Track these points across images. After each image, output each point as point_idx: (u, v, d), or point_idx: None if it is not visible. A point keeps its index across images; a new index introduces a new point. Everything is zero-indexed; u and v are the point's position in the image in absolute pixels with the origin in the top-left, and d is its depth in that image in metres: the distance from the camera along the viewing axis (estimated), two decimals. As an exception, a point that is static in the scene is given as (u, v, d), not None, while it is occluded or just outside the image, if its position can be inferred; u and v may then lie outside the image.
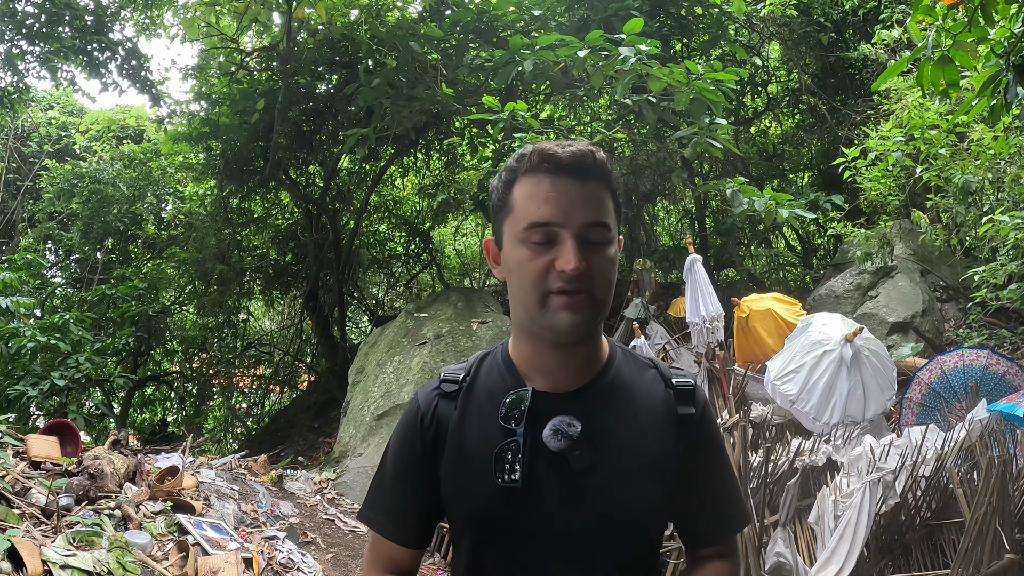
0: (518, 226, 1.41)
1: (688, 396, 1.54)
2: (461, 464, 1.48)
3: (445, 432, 1.50)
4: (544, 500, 1.42)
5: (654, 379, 1.57)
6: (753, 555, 3.95)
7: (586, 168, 1.41)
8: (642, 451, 1.47)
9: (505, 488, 1.40)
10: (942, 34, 4.15)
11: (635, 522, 1.46)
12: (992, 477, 4.32)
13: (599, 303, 1.42)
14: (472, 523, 1.47)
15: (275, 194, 14.66)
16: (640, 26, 7.42)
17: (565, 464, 1.41)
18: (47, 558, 4.94)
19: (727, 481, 1.63)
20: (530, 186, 1.41)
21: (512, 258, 1.43)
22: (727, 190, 7.98)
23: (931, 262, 10.26)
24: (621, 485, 1.43)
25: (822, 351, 6.43)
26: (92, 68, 11.47)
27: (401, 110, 9.85)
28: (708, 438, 1.58)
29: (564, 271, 1.35)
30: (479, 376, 1.56)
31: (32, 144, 16.59)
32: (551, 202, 1.38)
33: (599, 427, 1.45)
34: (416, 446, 1.53)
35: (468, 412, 1.51)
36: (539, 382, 1.48)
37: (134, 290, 12.80)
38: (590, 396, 1.49)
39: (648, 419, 1.50)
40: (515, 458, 1.41)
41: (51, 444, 7.02)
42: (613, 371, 1.53)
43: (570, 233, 1.37)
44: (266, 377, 16.20)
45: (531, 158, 1.42)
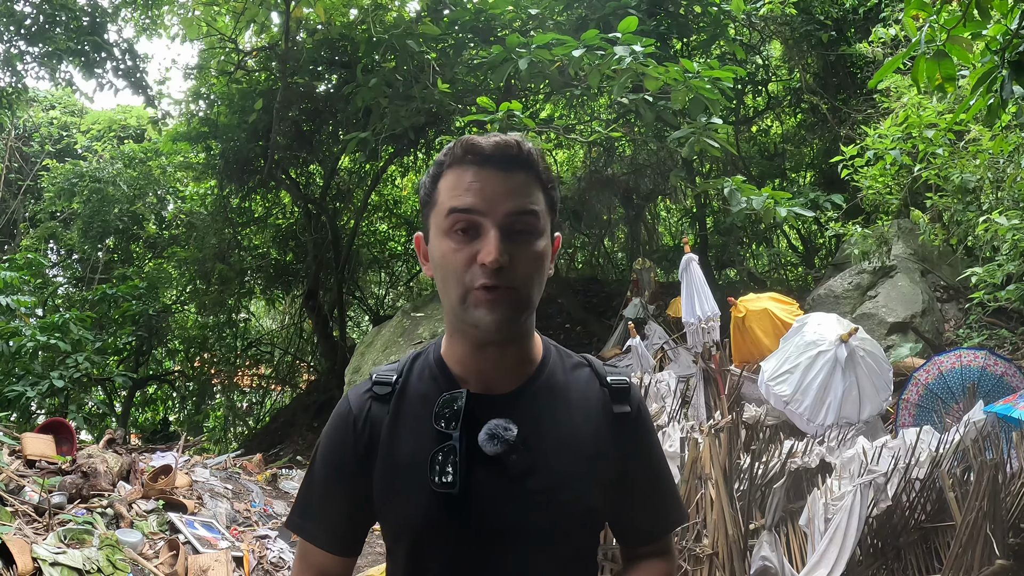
0: (441, 216, 1.38)
1: (623, 395, 1.52)
2: (395, 469, 1.43)
3: (378, 437, 1.46)
4: (481, 504, 1.39)
5: (589, 378, 1.54)
6: (738, 558, 3.92)
7: (510, 158, 1.37)
8: (579, 452, 1.44)
9: (441, 493, 1.37)
10: (937, 29, 4.10)
11: (575, 523, 1.44)
12: (984, 480, 4.28)
13: (523, 301, 1.37)
14: (408, 529, 1.43)
15: (275, 194, 14.69)
16: (635, 25, 7.38)
17: (502, 468, 1.38)
18: (37, 555, 4.96)
19: (662, 479, 1.61)
20: (454, 178, 1.38)
21: (436, 251, 1.40)
22: (725, 189, 7.94)
23: (931, 262, 10.19)
24: (559, 487, 1.41)
25: (816, 351, 6.38)
26: (87, 68, 11.50)
27: (399, 110, 9.85)
28: (643, 436, 1.56)
29: (484, 263, 1.31)
30: (411, 378, 1.51)
31: (34, 144, 16.65)
32: (473, 191, 1.35)
33: (535, 430, 1.42)
34: (348, 451, 1.47)
35: (401, 416, 1.46)
36: (473, 384, 1.45)
37: (135, 289, 12.84)
38: (525, 398, 1.45)
39: (584, 419, 1.48)
40: (450, 462, 1.37)
41: (46, 443, 7.05)
42: (548, 371, 1.50)
43: (493, 223, 1.33)
44: (266, 376, 16.22)
45: (455, 150, 1.39)
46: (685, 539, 4.50)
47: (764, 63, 13.52)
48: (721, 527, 4.03)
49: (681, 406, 7.26)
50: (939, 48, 4.07)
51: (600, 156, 13.59)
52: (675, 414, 6.71)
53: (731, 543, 3.95)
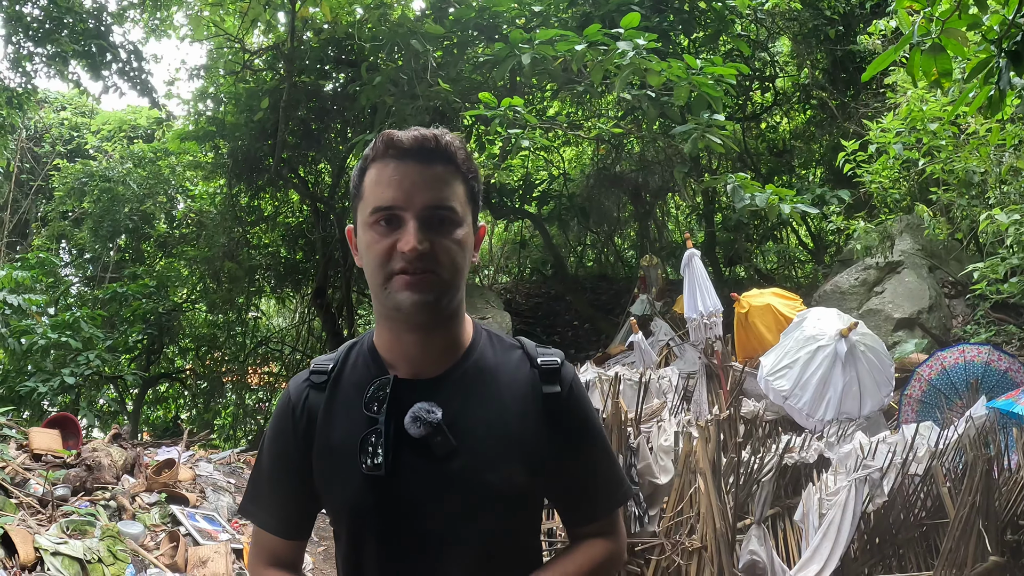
0: (366, 211, 1.44)
1: (553, 375, 1.55)
2: (330, 454, 1.49)
3: (315, 423, 1.51)
4: (409, 486, 1.43)
5: (520, 360, 1.57)
6: (727, 552, 3.91)
7: (428, 151, 1.43)
8: (505, 433, 1.48)
9: (370, 476, 1.42)
10: (932, 21, 4.07)
11: (501, 504, 1.47)
12: (976, 475, 4.24)
13: (444, 283, 1.42)
14: (344, 511, 1.49)
15: (284, 192, 14.75)
16: (637, 20, 7.38)
17: (427, 450, 1.43)
18: (39, 545, 5.02)
19: (601, 457, 1.63)
20: (376, 172, 1.44)
21: (362, 242, 1.46)
22: (729, 186, 7.92)
23: (939, 257, 10.12)
24: (484, 468, 1.44)
25: (816, 346, 6.35)
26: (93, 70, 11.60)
27: (405, 108, 9.88)
28: (577, 415, 1.57)
29: (404, 251, 1.38)
30: (347, 366, 1.56)
31: (45, 144, 16.81)
32: (394, 185, 1.41)
33: (460, 412, 1.46)
34: (289, 438, 1.53)
35: (335, 402, 1.52)
36: (402, 369, 1.50)
37: (145, 288, 12.93)
38: (452, 381, 1.50)
39: (512, 400, 1.51)
40: (377, 445, 1.42)
41: (53, 437, 7.12)
42: (477, 354, 1.54)
43: (412, 215, 1.40)
44: (276, 374, 16.29)
45: (377, 145, 1.45)
46: (679, 533, 4.50)
47: (772, 59, 13.46)
48: (709, 520, 4.02)
49: (682, 401, 7.26)
50: (934, 42, 4.03)
51: (608, 153, 13.60)
52: (676, 409, 6.71)
53: (719, 536, 3.94)
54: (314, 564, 6.09)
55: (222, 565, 5.49)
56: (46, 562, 4.94)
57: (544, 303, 15.17)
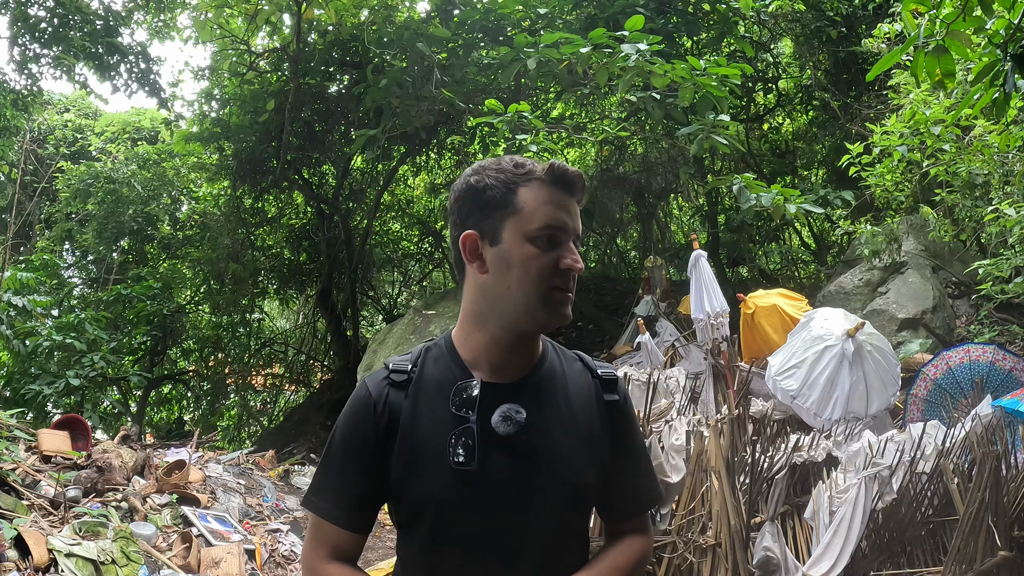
0: (530, 225, 1.55)
1: (612, 385, 1.73)
2: (415, 448, 1.57)
3: (397, 420, 1.60)
4: (495, 480, 1.55)
5: (582, 370, 1.74)
6: (740, 549, 3.95)
7: (580, 188, 1.62)
8: (577, 434, 1.63)
9: (458, 470, 1.53)
10: (936, 23, 4.10)
11: (574, 497, 1.61)
12: (985, 472, 4.28)
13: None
14: (430, 503, 1.56)
15: (288, 194, 14.78)
16: (641, 23, 7.42)
17: (511, 447, 1.56)
18: (53, 547, 5.05)
19: (642, 462, 1.80)
20: (546, 193, 1.57)
21: (516, 254, 1.56)
22: (734, 186, 7.95)
23: (943, 258, 10.16)
24: (561, 465, 1.59)
25: (823, 346, 6.38)
26: (101, 70, 11.62)
27: (410, 110, 9.92)
28: (628, 422, 1.76)
29: (572, 268, 1.55)
30: (426, 366, 1.66)
31: (48, 146, 16.82)
32: (563, 209, 1.57)
33: (540, 413, 1.60)
34: (369, 432, 1.61)
35: (419, 400, 1.61)
36: (485, 373, 1.62)
37: (149, 289, 12.96)
38: (530, 386, 1.63)
39: (580, 406, 1.67)
40: (468, 443, 1.54)
41: (62, 438, 7.14)
42: (548, 363, 1.69)
43: (571, 238, 1.57)
44: (280, 375, 16.32)
45: (544, 169, 1.59)
46: (691, 531, 4.54)
47: (774, 60, 13.49)
48: (724, 518, 4.06)
49: (690, 402, 7.29)
50: (938, 43, 4.07)
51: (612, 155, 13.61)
52: (683, 409, 6.74)
53: (733, 533, 3.98)
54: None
55: (235, 566, 5.52)
56: (60, 563, 4.97)
57: (548, 304, 15.17)
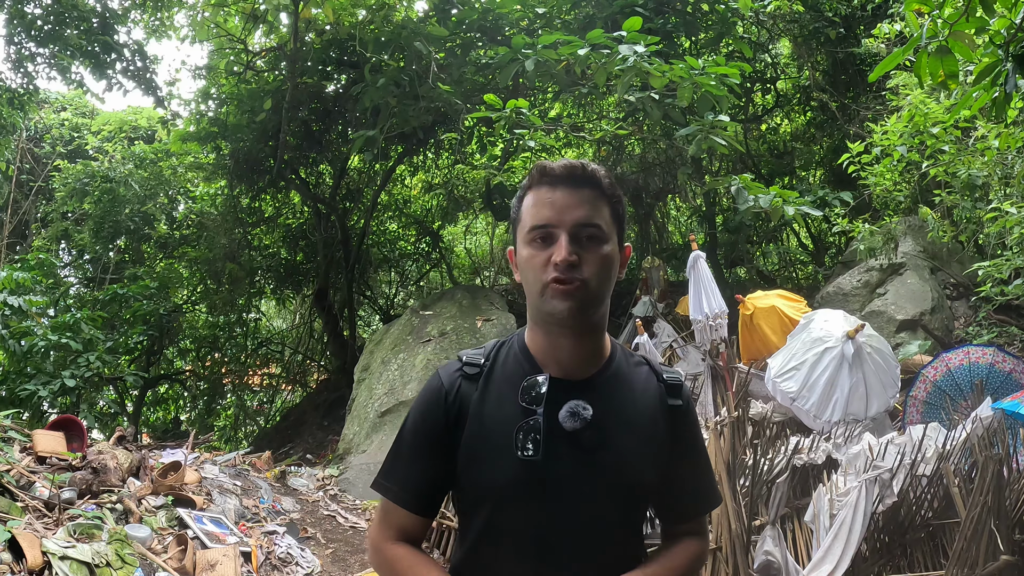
0: (524, 230, 1.66)
1: (677, 390, 1.78)
2: (483, 438, 1.66)
3: (467, 409, 1.68)
4: (558, 472, 1.61)
5: (648, 374, 1.79)
6: (741, 553, 3.92)
7: (577, 178, 1.65)
8: (641, 434, 1.69)
9: (524, 460, 1.60)
10: (939, 23, 4.08)
11: (632, 494, 1.68)
12: (988, 475, 4.26)
13: (592, 293, 1.62)
14: (494, 491, 1.64)
15: (285, 193, 14.74)
16: (639, 24, 7.39)
17: (576, 442, 1.63)
18: (47, 549, 4.99)
19: (702, 465, 1.86)
20: (533, 197, 1.67)
21: (521, 258, 1.68)
22: (732, 187, 7.93)
23: (941, 259, 10.15)
24: (624, 461, 1.65)
25: (823, 348, 6.37)
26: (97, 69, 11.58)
27: (407, 109, 9.88)
28: (691, 427, 1.82)
29: (556, 262, 1.58)
30: (498, 361, 1.75)
31: (45, 145, 16.75)
32: (548, 206, 1.63)
33: (606, 411, 1.66)
34: (440, 419, 1.69)
35: (489, 392, 1.70)
36: (553, 370, 1.68)
37: (146, 289, 12.88)
38: (598, 384, 1.70)
39: (645, 407, 1.73)
40: (535, 435, 1.60)
41: (57, 439, 7.08)
42: (616, 365, 1.75)
43: (564, 231, 1.61)
44: (277, 376, 16.27)
45: (533, 174, 1.69)
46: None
47: (773, 61, 13.49)
48: (724, 522, 4.03)
49: (688, 403, 7.26)
50: (941, 44, 4.05)
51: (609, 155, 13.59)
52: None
53: (734, 537, 3.96)
54: (322, 566, 6.08)
55: (231, 568, 5.47)
56: (54, 566, 4.92)
57: (545, 304, 15.16)
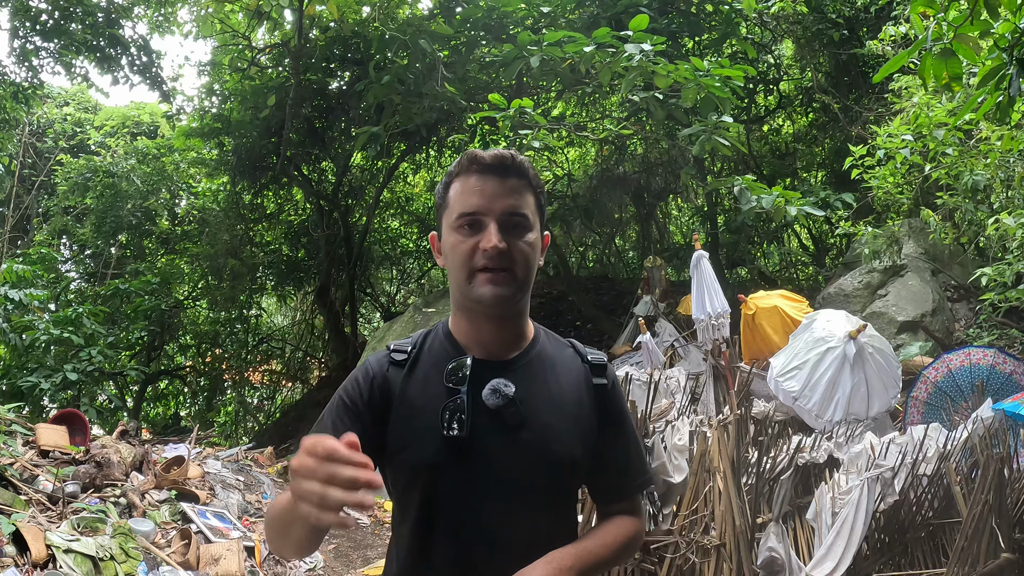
0: (451, 217, 1.66)
1: (601, 370, 1.81)
2: (409, 420, 1.66)
3: (392, 395, 1.69)
4: (484, 449, 1.63)
5: (572, 355, 1.83)
6: (745, 550, 3.94)
7: (506, 167, 1.66)
8: (564, 411, 1.71)
9: (450, 439, 1.61)
10: (943, 26, 4.11)
11: (559, 469, 1.68)
12: (989, 474, 4.29)
13: (519, 280, 1.64)
14: (422, 470, 1.64)
15: (287, 190, 14.76)
16: (646, 23, 7.40)
17: (500, 419, 1.64)
18: (51, 543, 5.00)
19: (632, 446, 1.86)
20: (461, 184, 1.67)
21: (447, 244, 1.68)
22: (735, 188, 7.95)
23: (942, 261, 10.17)
24: (548, 438, 1.66)
25: (825, 348, 6.39)
26: (103, 63, 11.59)
27: (411, 107, 9.90)
28: (617, 407, 1.83)
29: (486, 249, 1.60)
30: (424, 348, 1.77)
31: (47, 140, 16.76)
32: (476, 194, 1.64)
33: (529, 390, 1.68)
34: (364, 402, 1.68)
35: (415, 377, 1.71)
36: (477, 352, 1.70)
37: (147, 285, 12.91)
38: (521, 364, 1.72)
39: (569, 387, 1.75)
40: (460, 414, 1.61)
41: (60, 433, 7.11)
42: (539, 345, 1.78)
43: (492, 219, 1.62)
44: (277, 372, 16.28)
45: (462, 162, 1.68)
46: (693, 531, 4.53)
47: (776, 62, 13.50)
48: (729, 518, 4.05)
49: (691, 402, 7.29)
50: (946, 47, 4.08)
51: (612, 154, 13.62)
52: (685, 409, 6.74)
53: (738, 534, 3.98)
54: (325, 562, 6.10)
55: (234, 563, 5.49)
56: (58, 560, 4.93)
57: (547, 303, 15.17)
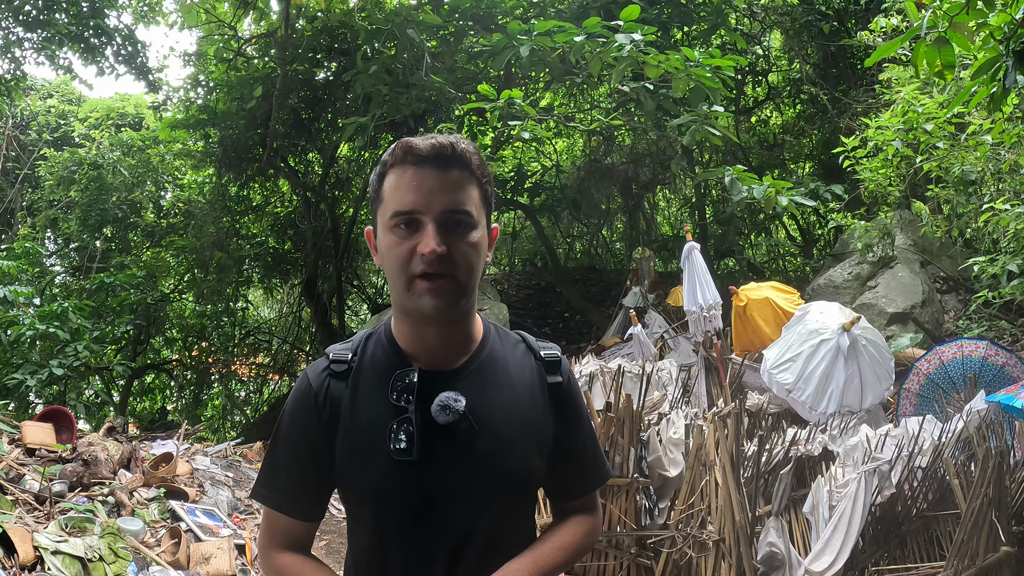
0: (386, 215, 1.52)
1: (555, 366, 1.71)
2: (355, 440, 1.56)
3: (338, 410, 1.58)
4: (437, 469, 1.54)
5: (524, 352, 1.72)
6: (745, 544, 3.92)
7: (446, 158, 1.50)
8: (519, 419, 1.61)
9: (399, 461, 1.51)
10: (939, 14, 4.08)
11: (517, 482, 1.60)
12: (989, 468, 4.29)
13: (461, 286, 1.52)
14: (371, 494, 1.56)
15: (274, 182, 14.65)
16: (636, 12, 7.35)
17: (452, 435, 1.54)
18: (39, 544, 4.92)
19: (588, 441, 1.77)
20: (395, 177, 1.52)
21: (383, 245, 1.55)
22: (726, 178, 7.92)
23: (932, 253, 10.20)
24: (503, 450, 1.57)
25: (819, 340, 6.39)
26: (88, 54, 11.44)
27: (399, 97, 9.81)
28: (573, 403, 1.73)
29: (423, 254, 1.46)
30: (366, 356, 1.64)
31: (31, 132, 16.56)
32: (413, 190, 1.49)
33: (480, 400, 1.57)
34: (312, 424, 1.59)
35: (359, 391, 1.59)
36: (423, 361, 1.59)
37: (133, 278, 12.76)
38: (470, 373, 1.61)
39: (522, 389, 1.65)
40: (408, 433, 1.51)
41: (46, 431, 7.01)
42: (488, 348, 1.66)
43: (431, 218, 1.48)
44: (265, 365, 16.18)
45: (396, 151, 1.53)
46: (690, 526, 4.51)
47: (764, 53, 13.49)
48: (728, 513, 4.03)
49: (682, 394, 7.28)
50: (940, 35, 4.05)
51: (600, 145, 13.58)
52: (676, 402, 6.72)
53: (738, 529, 3.96)
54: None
55: (225, 561, 5.43)
56: (46, 561, 4.85)
57: (535, 294, 15.16)
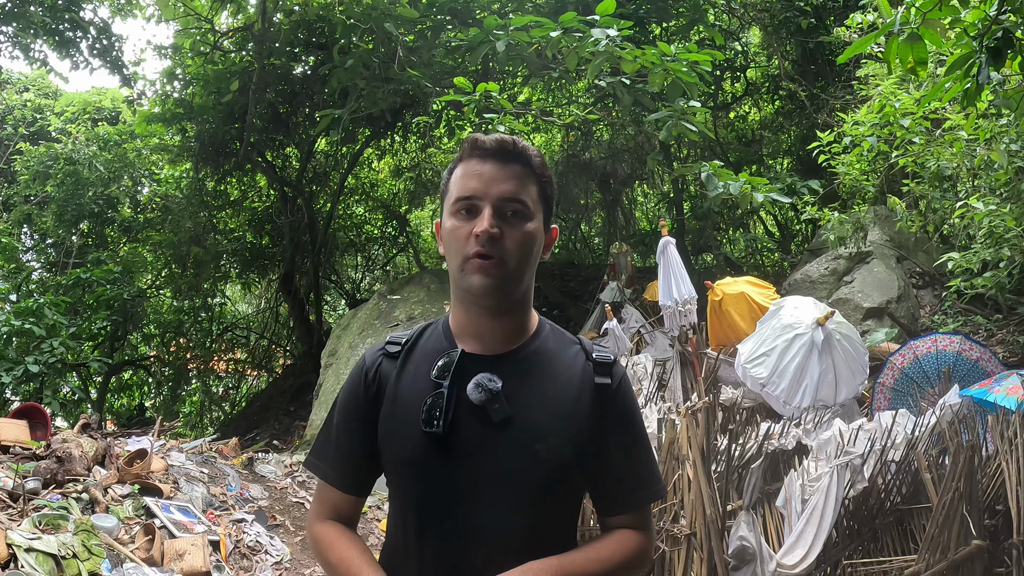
0: (450, 201, 1.64)
1: (606, 368, 1.71)
2: (395, 414, 1.65)
3: (385, 387, 1.68)
4: (464, 447, 1.58)
5: (577, 352, 1.73)
6: (716, 538, 3.94)
7: (507, 153, 1.62)
8: (558, 412, 1.62)
9: (430, 435, 1.57)
10: (912, 11, 4.11)
11: (545, 473, 1.59)
12: (960, 462, 4.33)
13: (511, 271, 1.59)
14: (402, 466, 1.63)
15: (251, 176, 14.57)
16: (613, 7, 7.34)
17: (485, 416, 1.58)
18: (12, 541, 4.88)
19: (640, 453, 1.74)
20: (462, 169, 1.64)
21: (445, 229, 1.65)
22: (702, 174, 7.94)
23: (907, 248, 10.28)
24: (534, 438, 1.58)
25: (793, 334, 6.42)
26: (62, 47, 11.31)
27: (376, 91, 9.77)
28: (623, 408, 1.71)
29: (477, 234, 1.55)
30: (420, 340, 1.74)
31: (7, 127, 16.36)
32: (475, 178, 1.60)
33: (518, 387, 1.61)
34: (360, 398, 1.70)
35: (406, 370, 1.69)
36: (471, 346, 1.66)
37: (109, 274, 12.67)
38: (514, 359, 1.66)
39: (567, 384, 1.66)
40: (439, 408, 1.57)
41: (20, 428, 6.95)
42: (539, 341, 1.71)
43: (488, 203, 1.58)
44: (242, 361, 16.11)
45: (464, 146, 1.65)
46: (662, 520, 4.53)
47: (743, 49, 13.53)
48: (699, 507, 4.05)
49: (658, 389, 7.30)
50: (913, 31, 4.08)
51: (577, 140, 13.58)
52: (652, 396, 6.74)
53: (709, 523, 3.98)
54: (292, 555, 6.03)
55: (199, 558, 5.40)
56: (20, 559, 4.81)
57: (513, 290, 15.17)
